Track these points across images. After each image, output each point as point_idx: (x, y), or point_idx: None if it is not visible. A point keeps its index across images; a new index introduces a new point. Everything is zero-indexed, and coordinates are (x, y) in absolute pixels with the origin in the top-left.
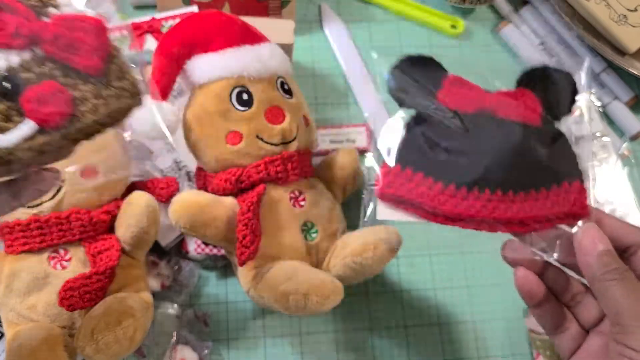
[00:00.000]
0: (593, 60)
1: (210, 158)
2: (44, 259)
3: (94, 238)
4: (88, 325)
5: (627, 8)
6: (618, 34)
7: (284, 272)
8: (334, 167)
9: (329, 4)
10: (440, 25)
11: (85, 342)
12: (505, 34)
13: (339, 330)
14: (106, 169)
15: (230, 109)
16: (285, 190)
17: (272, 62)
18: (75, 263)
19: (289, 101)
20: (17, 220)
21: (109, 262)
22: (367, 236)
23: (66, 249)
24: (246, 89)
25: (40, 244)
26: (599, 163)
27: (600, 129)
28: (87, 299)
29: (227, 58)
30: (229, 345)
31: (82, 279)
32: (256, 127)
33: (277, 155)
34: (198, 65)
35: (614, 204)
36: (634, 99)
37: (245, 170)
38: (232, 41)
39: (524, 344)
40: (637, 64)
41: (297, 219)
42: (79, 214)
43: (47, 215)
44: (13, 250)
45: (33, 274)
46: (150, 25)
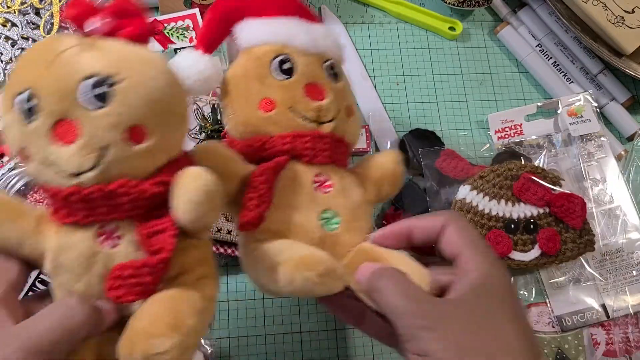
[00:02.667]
0: (590, 62)
1: (239, 120)
2: (91, 236)
3: (147, 216)
4: (130, 338)
5: (624, 9)
6: (615, 36)
7: (280, 244)
8: (372, 164)
9: (328, 6)
10: (439, 27)
11: (125, 353)
12: (503, 36)
13: (339, 328)
14: (159, 128)
15: (268, 74)
16: (310, 170)
17: (323, 42)
18: (126, 243)
19: (333, 84)
20: (57, 189)
21: (162, 254)
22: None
23: (116, 225)
24: (289, 58)
25: (84, 218)
26: (597, 163)
27: (598, 130)
28: (137, 292)
29: (276, 24)
30: (231, 343)
31: (132, 268)
32: (292, 98)
33: (308, 130)
34: (247, 28)
35: (613, 204)
36: (631, 100)
37: (271, 139)
38: (286, 11)
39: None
40: (634, 65)
41: (317, 203)
42: (127, 187)
43: (90, 187)
44: (57, 219)
45: (80, 253)
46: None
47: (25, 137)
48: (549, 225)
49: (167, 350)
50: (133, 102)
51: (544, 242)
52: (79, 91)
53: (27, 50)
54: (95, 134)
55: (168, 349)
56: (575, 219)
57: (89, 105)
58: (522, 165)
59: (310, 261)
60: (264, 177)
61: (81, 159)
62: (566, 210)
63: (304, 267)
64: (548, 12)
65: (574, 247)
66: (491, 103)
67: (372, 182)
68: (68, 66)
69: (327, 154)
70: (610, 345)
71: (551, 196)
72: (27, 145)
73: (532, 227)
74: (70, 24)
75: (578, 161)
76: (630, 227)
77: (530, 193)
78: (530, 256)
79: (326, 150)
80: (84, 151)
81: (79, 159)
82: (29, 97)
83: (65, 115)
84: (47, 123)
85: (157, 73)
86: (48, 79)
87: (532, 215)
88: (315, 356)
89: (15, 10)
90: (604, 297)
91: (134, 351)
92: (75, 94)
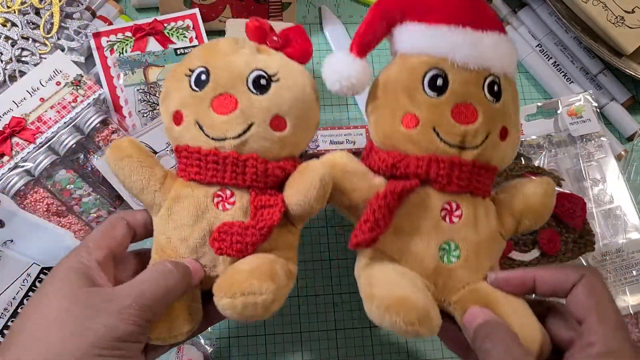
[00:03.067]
0: (590, 62)
1: (379, 130)
2: (209, 194)
3: (262, 190)
4: (231, 277)
5: (624, 10)
6: (615, 36)
7: (386, 274)
8: (518, 193)
9: (328, 6)
10: None
11: (223, 293)
12: None
13: (339, 329)
14: (295, 123)
15: (419, 88)
16: (441, 198)
17: (490, 55)
18: (237, 209)
19: (491, 105)
20: (198, 148)
21: (269, 221)
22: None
23: (233, 191)
24: (444, 73)
25: (211, 177)
26: (597, 163)
27: (598, 130)
28: (237, 249)
29: (437, 34)
30: (231, 344)
31: (239, 227)
32: (436, 119)
33: (446, 156)
34: (406, 33)
35: (613, 204)
36: (631, 100)
37: (406, 157)
38: (453, 18)
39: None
40: (634, 65)
41: (441, 233)
42: (256, 160)
43: (227, 152)
44: (185, 175)
45: (195, 205)
46: (152, 27)
47: (188, 100)
48: (550, 226)
49: (263, 292)
50: (284, 97)
51: (545, 243)
52: (249, 77)
53: (207, 42)
54: (249, 111)
55: (264, 291)
56: (576, 219)
57: (253, 89)
58: (523, 166)
59: (403, 306)
60: (384, 202)
61: (231, 126)
62: (567, 210)
63: (394, 310)
64: (548, 12)
65: (575, 248)
66: None
67: (512, 213)
68: (244, 58)
69: (463, 183)
70: None
71: None
72: (186, 108)
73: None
74: (250, 35)
75: (578, 161)
76: (630, 227)
77: None
78: (530, 256)
79: (462, 179)
80: (235, 121)
81: (229, 126)
82: (202, 72)
83: (229, 91)
84: (213, 93)
85: (306, 82)
86: (225, 63)
87: None
88: (315, 356)
89: (15, 10)
90: None
91: (234, 289)
92: (245, 79)
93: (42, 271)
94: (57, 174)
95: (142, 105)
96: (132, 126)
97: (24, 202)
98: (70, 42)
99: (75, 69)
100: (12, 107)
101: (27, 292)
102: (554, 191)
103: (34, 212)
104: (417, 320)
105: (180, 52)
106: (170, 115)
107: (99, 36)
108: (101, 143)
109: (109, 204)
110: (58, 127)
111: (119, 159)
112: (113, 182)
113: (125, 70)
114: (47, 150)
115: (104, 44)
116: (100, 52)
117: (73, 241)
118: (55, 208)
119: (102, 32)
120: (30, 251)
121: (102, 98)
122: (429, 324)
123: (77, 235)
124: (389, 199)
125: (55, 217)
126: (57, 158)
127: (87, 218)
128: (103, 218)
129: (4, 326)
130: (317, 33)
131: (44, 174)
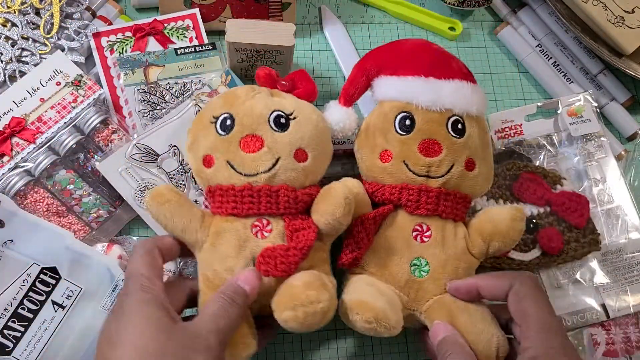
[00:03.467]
0: (590, 62)
1: (363, 165)
2: (247, 225)
3: (294, 216)
4: (288, 292)
5: (624, 9)
6: (615, 36)
7: (358, 283)
8: (485, 217)
9: (328, 6)
10: (439, 28)
11: (283, 307)
12: (503, 36)
13: (339, 329)
14: (315, 154)
15: (390, 129)
16: (412, 220)
17: (451, 99)
18: (275, 235)
19: (454, 140)
20: (232, 185)
21: (307, 241)
22: (476, 325)
23: (269, 220)
24: (411, 115)
25: (247, 210)
26: (597, 163)
27: (598, 130)
28: (282, 269)
29: (405, 84)
30: None
31: (281, 249)
32: (405, 153)
33: (416, 185)
34: (381, 84)
35: (613, 204)
36: (631, 100)
37: (381, 187)
38: (418, 71)
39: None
40: (634, 65)
41: (412, 251)
42: (287, 190)
43: (260, 185)
44: (222, 211)
45: (236, 237)
46: (152, 27)
47: (217, 144)
48: (551, 225)
49: (320, 300)
50: (303, 131)
51: (545, 242)
52: (270, 118)
53: (226, 91)
54: (275, 147)
55: (321, 299)
56: (578, 217)
57: (275, 127)
58: (522, 165)
59: (362, 308)
60: (362, 227)
61: (261, 162)
62: (567, 209)
63: (354, 311)
64: (548, 12)
65: (578, 247)
66: (491, 103)
67: (482, 236)
68: (262, 102)
69: (430, 207)
70: (610, 345)
71: (551, 195)
72: (216, 151)
73: (532, 226)
74: (261, 82)
75: (578, 161)
76: (631, 227)
77: (530, 192)
78: (531, 256)
79: (430, 204)
80: (264, 157)
81: (259, 162)
82: (227, 118)
83: (254, 131)
84: (240, 135)
85: (318, 117)
86: (247, 107)
87: (531, 214)
88: (315, 356)
89: (15, 10)
90: (604, 297)
91: (294, 302)
92: (267, 119)
93: (42, 271)
94: (57, 174)
95: (142, 105)
96: (132, 126)
97: (24, 202)
98: (70, 42)
99: (75, 69)
100: (12, 107)
101: (27, 292)
102: (522, 217)
103: (34, 212)
104: (374, 319)
105: (180, 52)
106: (200, 160)
107: (99, 36)
108: (101, 143)
109: (109, 204)
110: (58, 127)
111: (160, 205)
112: (113, 182)
113: (125, 70)
114: (47, 150)
115: (104, 44)
116: (100, 52)
117: (73, 241)
118: (55, 208)
119: (102, 32)
120: (30, 251)
121: (102, 98)
122: (385, 323)
123: (77, 235)
124: (366, 223)
125: (55, 217)
126: (57, 158)
127: (87, 218)
128: (103, 218)
129: (4, 326)
130: (317, 33)
131: (44, 174)
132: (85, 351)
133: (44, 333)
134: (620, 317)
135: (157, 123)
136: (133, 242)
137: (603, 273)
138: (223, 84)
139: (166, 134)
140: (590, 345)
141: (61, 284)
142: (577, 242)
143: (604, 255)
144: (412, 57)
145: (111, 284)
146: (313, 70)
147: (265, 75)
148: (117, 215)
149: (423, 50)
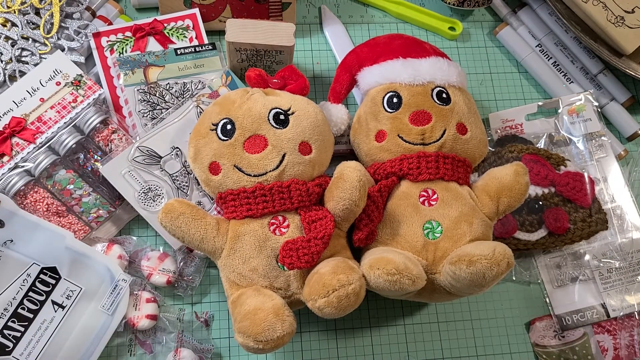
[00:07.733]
0: (590, 62)
1: (361, 152)
2: (265, 224)
3: (309, 208)
4: (317, 281)
5: (624, 10)
6: (615, 36)
7: (375, 250)
8: (489, 176)
9: (328, 6)
10: (439, 28)
11: (316, 296)
12: (503, 36)
13: (339, 329)
14: (318, 145)
15: (380, 110)
16: (417, 187)
17: (430, 73)
18: (292, 230)
19: (441, 107)
20: (243, 188)
21: (326, 230)
22: (476, 249)
23: (284, 216)
24: (397, 93)
25: (262, 210)
26: (597, 163)
27: (599, 129)
28: (305, 260)
29: (386, 68)
30: (231, 343)
31: (302, 241)
32: (398, 127)
33: (413, 153)
34: (365, 75)
35: (613, 203)
36: (631, 100)
37: (382, 165)
38: (395, 55)
39: (528, 356)
40: (634, 65)
41: (422, 215)
42: (297, 184)
43: (270, 183)
44: (237, 215)
45: (255, 237)
46: (152, 27)
47: (221, 150)
48: (556, 205)
49: (351, 282)
50: (303, 125)
51: (551, 222)
52: (270, 116)
53: (219, 98)
54: (279, 144)
55: (352, 281)
56: (583, 197)
57: (276, 125)
58: (524, 148)
59: (382, 262)
60: (370, 200)
61: (269, 161)
62: (572, 188)
63: (375, 266)
64: (548, 12)
65: (584, 226)
66: (491, 103)
67: (489, 195)
68: (259, 102)
69: (432, 171)
70: (618, 350)
71: (555, 175)
72: (221, 157)
73: (537, 206)
74: (253, 83)
75: (578, 160)
76: (631, 226)
77: (533, 173)
78: (537, 236)
79: (430, 168)
80: (270, 155)
81: (267, 161)
82: (227, 122)
83: (256, 132)
84: (242, 138)
85: (316, 109)
86: (245, 110)
87: (536, 195)
88: (315, 356)
89: (15, 10)
90: (604, 296)
91: (326, 289)
92: (266, 118)
93: (42, 271)
94: (57, 174)
95: (142, 105)
96: (132, 126)
97: (24, 202)
98: (70, 42)
99: (75, 69)
100: (12, 107)
101: (27, 292)
102: (525, 171)
103: (34, 212)
104: (396, 270)
105: (180, 52)
106: (206, 169)
107: (99, 36)
108: (101, 143)
109: (109, 204)
110: (58, 127)
111: (174, 219)
112: (116, 185)
113: (125, 70)
114: (47, 150)
115: (104, 44)
116: (100, 52)
117: (73, 241)
118: (55, 208)
119: (102, 32)
120: (30, 251)
121: (102, 98)
122: (408, 274)
123: (77, 235)
124: (373, 197)
125: (55, 217)
126: (57, 158)
127: (87, 218)
128: (103, 218)
129: (4, 326)
130: (317, 33)
131: (44, 174)
132: (85, 351)
133: (44, 333)
134: (625, 320)
135: (159, 125)
136: (133, 242)
137: (603, 272)
138: (223, 85)
139: (168, 136)
140: (598, 352)
141: (61, 284)
142: (584, 221)
143: (604, 254)
144: (388, 46)
145: (111, 284)
146: (313, 70)
147: (256, 76)
148: (117, 215)
149: (397, 38)
